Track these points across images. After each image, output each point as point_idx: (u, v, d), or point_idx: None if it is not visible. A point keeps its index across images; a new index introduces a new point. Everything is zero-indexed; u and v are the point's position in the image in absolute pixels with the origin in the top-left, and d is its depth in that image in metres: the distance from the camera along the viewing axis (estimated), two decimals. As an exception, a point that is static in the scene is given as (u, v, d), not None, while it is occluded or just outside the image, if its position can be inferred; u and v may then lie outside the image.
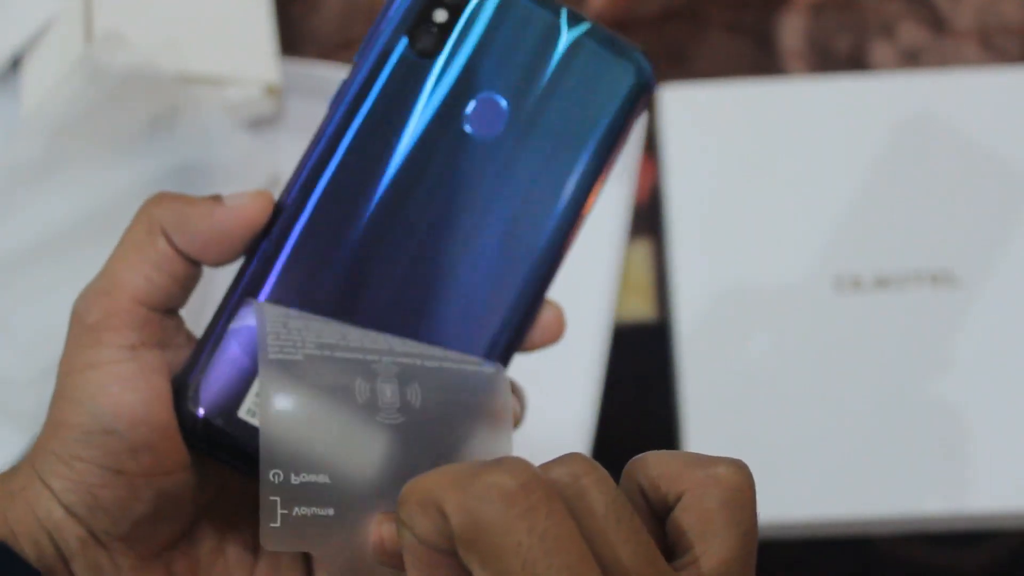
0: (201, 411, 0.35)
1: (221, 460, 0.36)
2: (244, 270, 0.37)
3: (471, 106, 0.38)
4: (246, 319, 0.36)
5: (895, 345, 0.62)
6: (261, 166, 0.65)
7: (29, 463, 0.35)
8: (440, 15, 0.37)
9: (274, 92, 0.67)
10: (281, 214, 0.37)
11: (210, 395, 0.35)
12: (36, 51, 0.68)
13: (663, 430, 0.62)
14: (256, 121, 0.68)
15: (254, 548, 0.38)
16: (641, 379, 0.64)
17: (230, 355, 0.35)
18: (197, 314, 0.40)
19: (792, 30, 0.73)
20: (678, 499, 0.30)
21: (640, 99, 0.38)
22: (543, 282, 0.38)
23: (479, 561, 0.27)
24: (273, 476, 0.33)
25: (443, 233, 0.38)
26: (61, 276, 0.61)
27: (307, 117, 0.38)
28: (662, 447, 0.30)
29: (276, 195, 0.37)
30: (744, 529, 0.29)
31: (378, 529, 0.34)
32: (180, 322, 0.37)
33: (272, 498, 0.33)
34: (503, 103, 0.38)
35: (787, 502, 0.59)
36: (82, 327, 0.35)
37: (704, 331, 0.62)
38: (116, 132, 0.64)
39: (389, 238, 0.37)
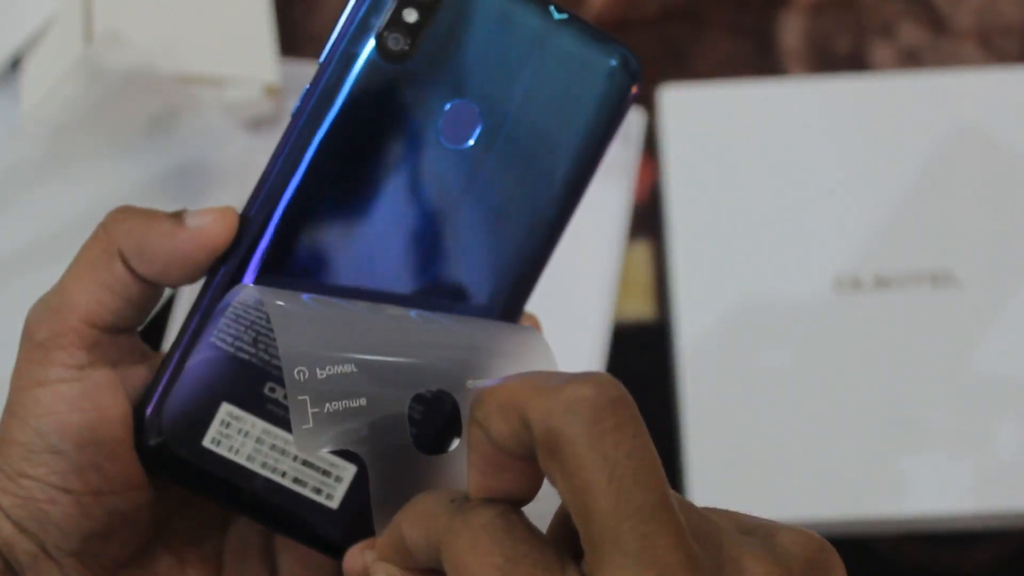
0: (163, 441, 0.34)
1: (190, 489, 0.35)
2: (206, 291, 0.35)
3: (446, 110, 0.35)
4: (206, 351, 0.34)
5: (895, 345, 0.62)
6: (260, 166, 0.65)
7: None
8: (410, 15, 0.35)
9: (274, 92, 0.67)
10: (245, 231, 0.35)
11: (172, 424, 0.34)
12: (36, 51, 0.68)
13: (663, 430, 0.62)
14: (256, 121, 0.68)
15: (216, 564, 0.37)
16: (641, 379, 0.64)
17: (193, 381, 0.34)
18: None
19: (792, 30, 0.73)
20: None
21: (627, 95, 0.36)
22: (525, 292, 0.36)
23: (561, 472, 0.26)
24: (298, 374, 0.31)
25: (419, 247, 0.35)
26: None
27: (307, 117, 0.37)
28: (662, 447, 0.29)
29: None
30: (611, 460, 0.26)
31: (360, 558, 0.33)
32: (136, 340, 0.36)
33: (301, 397, 0.31)
34: (479, 106, 0.35)
35: (787, 502, 0.59)
36: (32, 343, 0.34)
37: (704, 331, 0.62)
38: (116, 132, 0.64)
39: (358, 257, 0.35)
